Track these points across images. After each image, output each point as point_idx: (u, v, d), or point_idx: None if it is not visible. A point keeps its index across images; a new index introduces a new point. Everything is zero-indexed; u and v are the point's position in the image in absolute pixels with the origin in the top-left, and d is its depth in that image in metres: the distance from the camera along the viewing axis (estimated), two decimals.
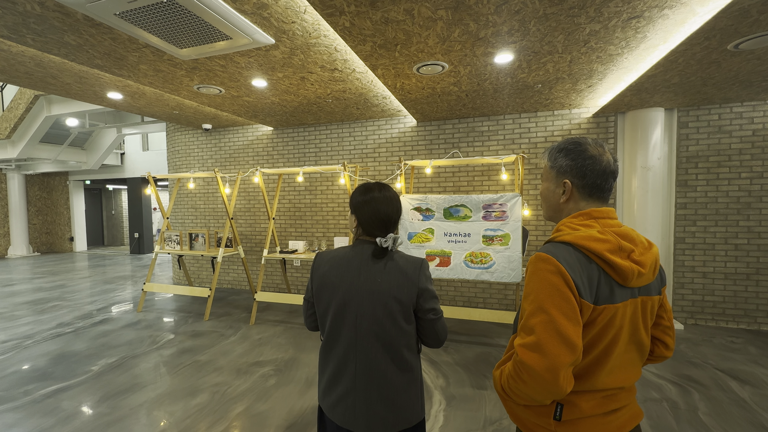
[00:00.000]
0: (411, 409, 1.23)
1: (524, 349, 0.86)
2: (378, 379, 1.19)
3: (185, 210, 6.64)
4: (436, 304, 1.23)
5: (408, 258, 1.25)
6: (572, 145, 1.01)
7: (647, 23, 2.40)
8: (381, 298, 1.18)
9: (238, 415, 2.58)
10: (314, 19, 2.49)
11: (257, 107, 4.63)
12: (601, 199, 1.01)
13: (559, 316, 0.84)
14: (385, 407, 1.19)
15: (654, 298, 0.98)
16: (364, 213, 1.24)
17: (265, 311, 5.02)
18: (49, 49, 2.90)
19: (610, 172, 0.99)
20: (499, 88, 3.71)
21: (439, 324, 1.24)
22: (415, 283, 1.19)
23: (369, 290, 1.19)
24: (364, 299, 1.19)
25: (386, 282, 1.19)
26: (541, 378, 0.82)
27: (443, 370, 3.22)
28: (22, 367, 3.35)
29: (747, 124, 4.09)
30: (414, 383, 1.25)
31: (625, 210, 4.42)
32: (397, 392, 1.21)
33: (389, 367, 1.19)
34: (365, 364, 1.19)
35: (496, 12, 2.24)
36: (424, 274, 1.22)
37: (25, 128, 8.55)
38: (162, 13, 2.31)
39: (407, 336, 1.22)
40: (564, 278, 0.87)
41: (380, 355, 1.19)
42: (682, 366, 3.26)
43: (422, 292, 1.20)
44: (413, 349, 1.25)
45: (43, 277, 7.65)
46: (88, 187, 13.20)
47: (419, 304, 1.21)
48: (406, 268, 1.20)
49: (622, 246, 0.91)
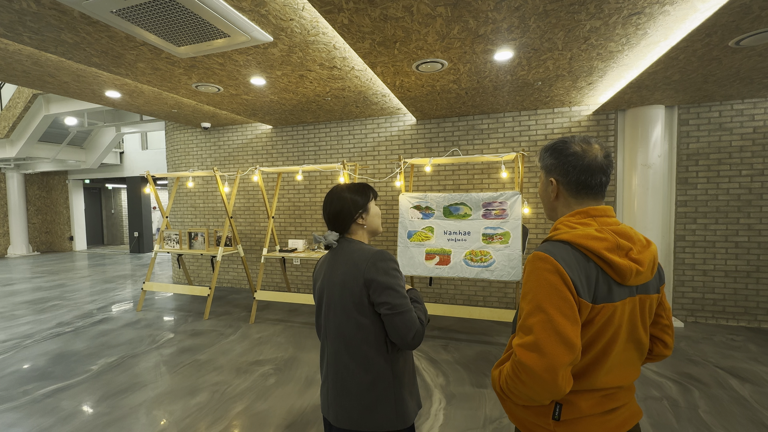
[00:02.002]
0: (380, 413, 1.18)
1: (522, 349, 0.85)
2: (342, 372, 1.22)
3: (185, 209, 6.62)
4: (391, 297, 1.16)
5: (364, 249, 1.25)
6: (558, 144, 1.02)
7: (648, 19, 2.38)
8: (339, 290, 1.23)
9: (238, 414, 2.57)
10: (312, 16, 2.48)
11: (256, 105, 4.62)
12: (590, 196, 1.00)
13: (557, 315, 0.83)
14: (349, 402, 1.20)
15: (652, 296, 0.98)
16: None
17: (264, 310, 5.01)
18: (46, 47, 2.88)
19: (597, 167, 0.97)
20: (499, 85, 3.69)
21: (397, 319, 1.15)
22: (362, 273, 1.19)
23: (333, 282, 1.25)
24: (332, 291, 1.25)
25: (341, 274, 1.23)
26: (540, 378, 0.81)
27: (443, 369, 3.22)
28: (22, 366, 3.34)
29: (748, 121, 4.08)
30: (380, 385, 1.19)
31: (625, 208, 4.41)
32: (360, 390, 1.19)
33: (350, 362, 1.21)
34: (332, 356, 1.25)
35: (496, 9, 2.23)
36: (375, 264, 1.19)
37: (23, 127, 8.53)
38: (159, 10, 2.30)
39: (365, 331, 1.19)
40: (562, 277, 0.86)
41: (341, 349, 1.23)
42: (682, 364, 3.26)
43: (369, 282, 1.18)
44: (376, 347, 1.20)
45: (43, 276, 7.65)
46: (88, 186, 13.18)
47: (371, 296, 1.19)
48: (357, 259, 1.22)
49: (620, 244, 0.91)
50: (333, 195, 1.33)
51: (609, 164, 0.99)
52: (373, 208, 1.37)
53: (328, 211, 1.32)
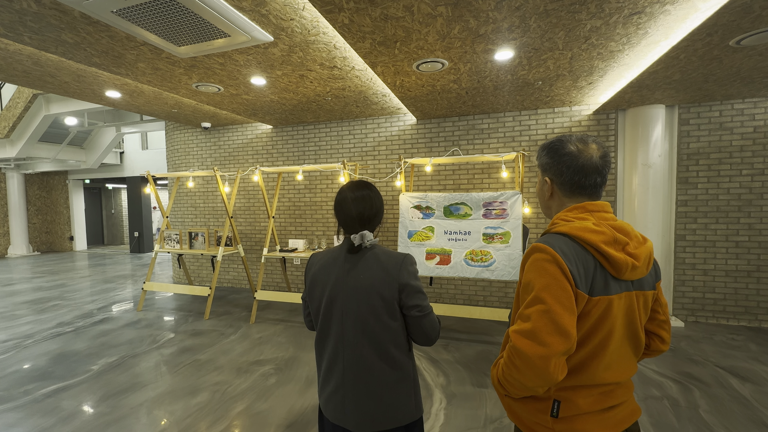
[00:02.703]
0: (402, 408, 1.22)
1: (518, 335, 0.87)
2: (365, 376, 1.20)
3: (185, 209, 6.62)
4: (421, 300, 1.21)
5: (390, 253, 1.24)
6: (555, 143, 1.02)
7: (649, 19, 2.38)
8: (364, 295, 1.20)
9: (239, 414, 2.57)
10: (313, 16, 2.48)
11: (256, 105, 4.62)
12: (584, 196, 1.00)
13: (555, 305, 0.85)
14: (373, 404, 1.19)
15: (648, 293, 0.99)
16: (338, 213, 1.28)
17: (265, 310, 5.01)
18: (46, 47, 2.88)
19: (592, 168, 0.96)
20: (500, 85, 3.69)
21: (426, 321, 1.21)
22: (395, 278, 1.19)
23: (353, 287, 1.21)
24: (349, 295, 1.21)
25: (368, 278, 1.21)
26: (533, 364, 0.83)
27: (444, 369, 3.22)
28: (23, 366, 3.34)
29: (748, 121, 4.08)
30: (404, 381, 1.24)
31: (625, 207, 4.41)
32: (385, 389, 1.21)
33: (376, 363, 1.20)
34: (352, 360, 1.21)
35: (497, 8, 2.23)
36: (406, 269, 1.21)
37: (23, 127, 8.53)
38: (159, 10, 2.30)
39: (393, 332, 1.22)
40: (560, 267, 0.87)
41: (366, 352, 1.20)
42: (682, 363, 3.26)
43: (403, 287, 1.20)
44: (401, 347, 1.24)
45: (43, 276, 7.65)
46: (88, 186, 13.18)
47: (402, 300, 1.20)
48: (387, 264, 1.21)
49: (617, 238, 0.91)
50: (365, 193, 1.26)
51: (605, 164, 0.98)
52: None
53: (360, 210, 1.24)
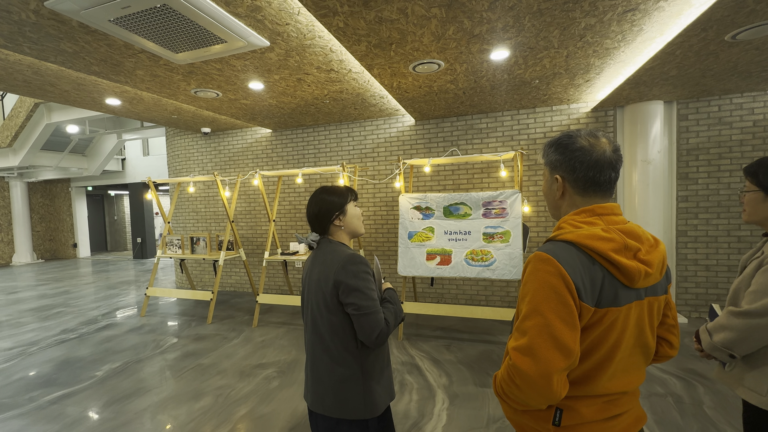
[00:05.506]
0: (351, 404, 1.26)
1: (517, 353, 0.83)
2: (317, 363, 1.31)
3: (186, 214, 6.65)
4: (357, 299, 1.23)
5: (339, 252, 1.31)
6: (563, 139, 0.95)
7: (643, 16, 2.38)
8: (315, 289, 1.32)
9: (242, 417, 2.58)
10: (308, 20, 2.49)
11: (255, 110, 4.64)
12: (599, 193, 0.94)
13: (555, 319, 0.81)
14: (323, 390, 1.29)
15: (660, 298, 0.94)
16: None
17: (267, 313, 5.03)
18: (45, 57, 2.91)
19: (607, 162, 0.91)
20: (496, 84, 3.70)
21: (363, 320, 1.23)
22: (332, 275, 1.26)
23: (310, 281, 1.35)
24: (309, 289, 1.35)
25: (317, 274, 1.32)
26: (534, 383, 0.80)
27: (446, 369, 3.22)
28: (28, 373, 3.36)
29: (747, 115, 4.06)
30: (352, 380, 1.27)
31: (626, 204, 4.40)
32: (333, 382, 1.27)
33: (323, 355, 1.30)
34: (310, 347, 1.35)
35: (490, 8, 2.23)
36: (345, 268, 1.26)
37: (26, 136, 8.60)
38: (156, 18, 2.32)
39: (334, 327, 1.28)
40: (564, 280, 0.82)
41: (316, 342, 1.32)
42: (686, 360, 3.24)
43: (338, 284, 1.25)
44: (346, 343, 1.27)
45: (47, 283, 7.69)
46: (90, 193, 13.25)
47: (340, 297, 1.26)
48: (330, 261, 1.29)
49: (627, 245, 0.86)
50: (312, 197, 1.40)
51: (618, 159, 0.92)
52: (352, 210, 1.40)
53: (308, 212, 1.40)
